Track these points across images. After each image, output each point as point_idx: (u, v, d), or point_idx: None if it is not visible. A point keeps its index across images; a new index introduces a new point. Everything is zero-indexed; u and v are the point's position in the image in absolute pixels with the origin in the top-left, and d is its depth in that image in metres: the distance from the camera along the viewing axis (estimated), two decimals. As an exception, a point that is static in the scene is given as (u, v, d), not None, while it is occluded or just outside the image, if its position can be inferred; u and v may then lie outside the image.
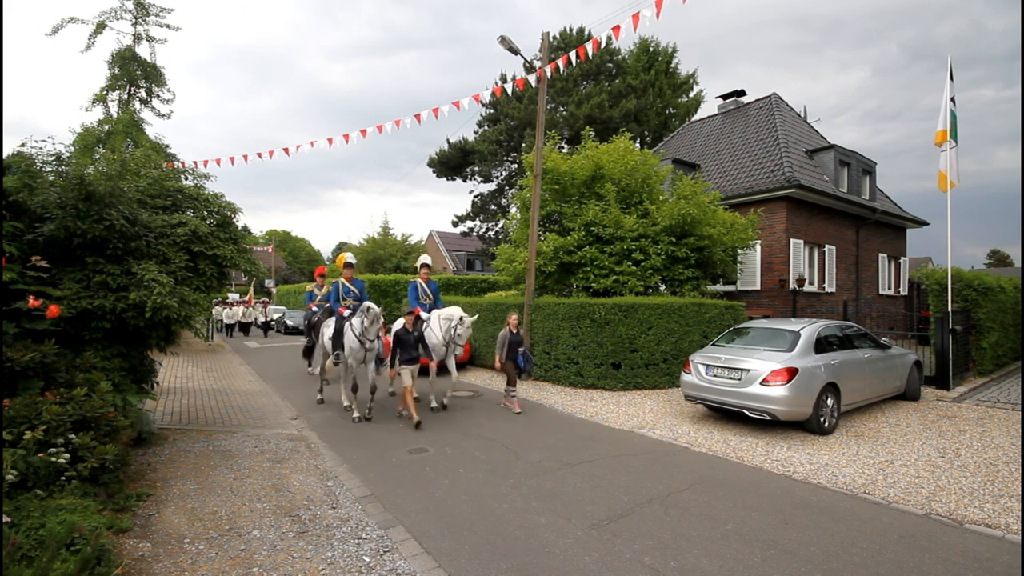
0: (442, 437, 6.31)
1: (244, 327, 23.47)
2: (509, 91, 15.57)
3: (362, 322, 6.93)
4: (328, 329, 7.92)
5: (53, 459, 3.51)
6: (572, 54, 8.84)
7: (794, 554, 3.47)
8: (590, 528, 3.85)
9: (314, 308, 10.21)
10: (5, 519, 2.80)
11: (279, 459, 5.47)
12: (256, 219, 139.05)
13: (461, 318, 7.65)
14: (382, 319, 6.94)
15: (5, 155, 5.26)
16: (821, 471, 5.14)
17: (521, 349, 7.82)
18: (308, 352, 10.74)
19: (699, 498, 4.43)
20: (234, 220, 6.56)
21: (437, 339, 7.83)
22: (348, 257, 8.22)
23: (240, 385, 10.40)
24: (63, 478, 3.52)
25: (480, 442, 6.09)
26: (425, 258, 8.77)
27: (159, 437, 6.03)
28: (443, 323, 7.85)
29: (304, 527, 3.85)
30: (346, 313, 7.50)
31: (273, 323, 24.31)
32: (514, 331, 7.86)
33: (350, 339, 7.10)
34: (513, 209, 15.82)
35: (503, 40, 10.47)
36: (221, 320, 23.29)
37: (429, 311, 8.33)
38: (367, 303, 6.90)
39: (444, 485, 4.72)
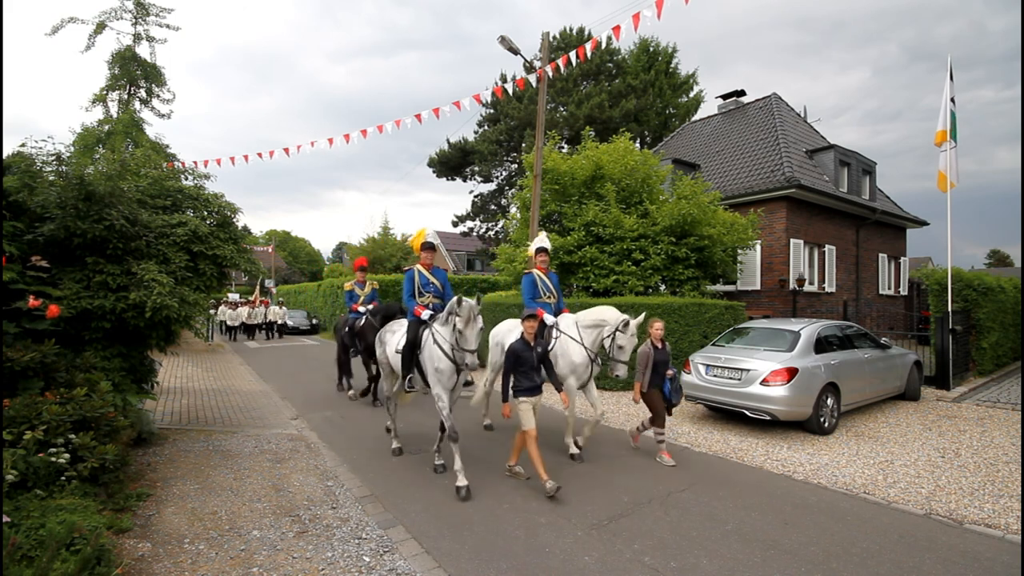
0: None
1: (249, 329, 22.19)
2: (509, 91, 15.58)
3: (454, 327, 4.52)
4: (393, 338, 5.61)
5: (53, 459, 3.51)
6: (572, 54, 8.84)
7: (794, 554, 3.47)
8: (590, 528, 3.85)
9: (360, 310, 8.80)
10: (5, 519, 2.80)
11: (279, 459, 5.47)
12: (256, 219, 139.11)
13: (626, 322, 5.25)
14: (481, 320, 4.60)
15: (5, 155, 5.27)
16: (821, 471, 5.14)
17: (670, 372, 5.49)
18: (344, 365, 9.25)
19: (699, 498, 4.43)
20: (234, 220, 6.56)
21: (580, 356, 5.45)
22: (429, 235, 5.75)
23: (240, 385, 10.40)
24: (63, 478, 3.52)
25: (481, 442, 6.09)
26: (543, 240, 6.27)
27: (159, 437, 6.03)
28: (589, 332, 5.51)
29: (304, 527, 3.85)
30: (425, 315, 5.13)
31: (276, 324, 22.45)
32: (659, 346, 5.50)
33: (435, 356, 4.76)
34: (513, 209, 15.81)
35: (503, 40, 10.47)
36: (223, 322, 22.14)
37: (555, 314, 6.00)
38: (458, 297, 4.48)
39: (444, 485, 4.72)
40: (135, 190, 5.74)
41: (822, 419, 6.36)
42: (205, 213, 6.33)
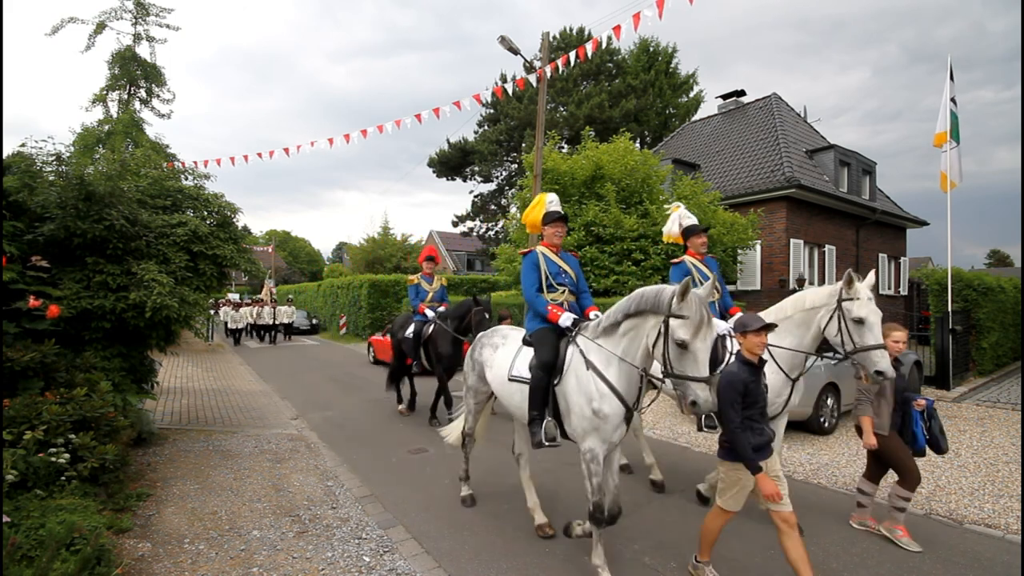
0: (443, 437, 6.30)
1: (257, 330, 20.42)
2: (509, 91, 15.59)
3: (657, 338, 2.73)
4: (503, 356, 3.81)
5: (53, 459, 3.50)
6: (572, 54, 8.84)
7: (794, 554, 3.46)
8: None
9: (427, 312, 7.06)
10: (5, 519, 2.80)
11: (279, 459, 5.46)
12: (256, 219, 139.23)
13: (849, 280, 3.39)
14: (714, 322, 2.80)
15: (5, 155, 5.26)
16: (821, 471, 5.14)
17: (919, 403, 3.79)
18: (395, 376, 7.73)
19: (699, 500, 4.42)
20: (234, 220, 6.56)
21: (779, 377, 3.68)
22: (553, 202, 3.95)
23: (240, 385, 10.40)
24: (63, 478, 3.51)
25: (480, 442, 6.08)
26: (686, 216, 4.78)
27: (159, 437, 6.03)
28: (794, 334, 3.69)
29: (304, 527, 3.85)
30: (565, 320, 3.42)
31: (281, 326, 20.33)
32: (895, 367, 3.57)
33: (591, 389, 3.04)
34: (513, 209, 15.83)
35: (503, 40, 10.47)
36: (226, 323, 20.55)
37: (721, 315, 4.41)
38: (684, 285, 2.63)
39: (444, 485, 4.72)
40: (135, 190, 5.73)
41: (822, 419, 6.36)
42: (205, 213, 6.33)
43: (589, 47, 8.59)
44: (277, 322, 20.06)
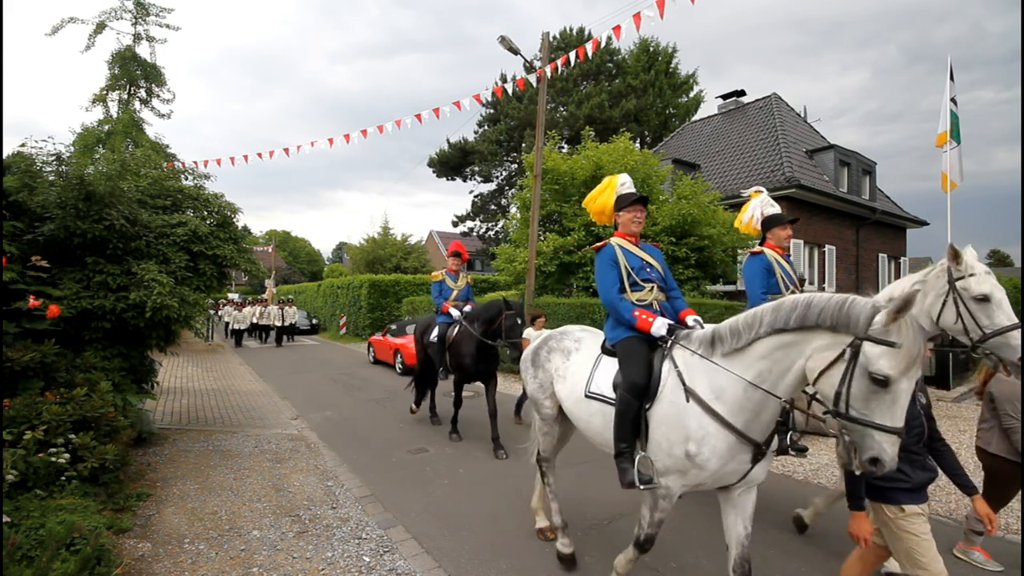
0: (442, 437, 6.30)
1: (260, 331, 19.57)
2: (509, 91, 15.58)
3: (844, 368, 1.91)
4: (575, 365, 3.21)
5: (53, 459, 3.51)
6: (572, 54, 8.84)
7: (794, 554, 3.47)
8: (590, 528, 3.85)
9: (452, 312, 6.30)
10: (5, 519, 2.80)
11: (279, 459, 5.46)
12: (257, 219, 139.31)
13: (955, 254, 3.10)
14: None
15: (5, 155, 5.26)
16: (821, 471, 5.14)
17: None
18: (421, 383, 7.19)
19: (699, 498, 4.42)
20: (234, 220, 6.57)
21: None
22: (626, 184, 3.24)
23: (240, 385, 10.40)
24: (63, 478, 3.52)
25: (480, 442, 6.08)
26: (768, 204, 4.23)
27: (159, 437, 6.03)
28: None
29: (304, 527, 3.85)
30: (659, 328, 2.77)
31: (290, 326, 19.38)
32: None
33: (692, 423, 2.41)
34: (513, 209, 15.83)
35: (503, 40, 10.47)
36: (228, 324, 19.91)
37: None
38: (903, 298, 1.76)
39: (444, 485, 4.72)
40: (135, 190, 5.73)
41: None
42: (205, 213, 6.33)
43: (589, 47, 8.59)
44: (287, 323, 19.01)
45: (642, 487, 2.54)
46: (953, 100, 9.53)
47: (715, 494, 2.72)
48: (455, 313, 6.29)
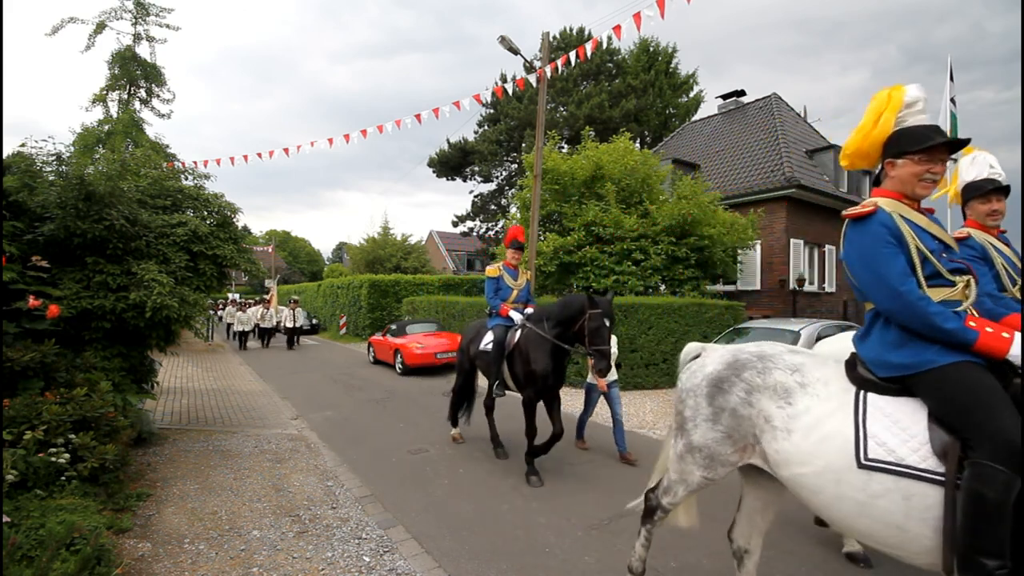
0: (442, 437, 6.30)
1: (264, 334, 18.56)
2: (509, 91, 15.58)
3: None
4: (818, 403, 2.03)
5: (53, 459, 3.51)
6: (572, 54, 8.84)
7: (794, 554, 3.47)
8: (590, 528, 3.85)
9: (513, 315, 5.19)
10: (5, 519, 2.80)
11: (279, 459, 5.46)
12: (257, 219, 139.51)
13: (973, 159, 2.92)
14: None
15: (5, 155, 5.26)
16: (821, 471, 5.13)
17: None
18: (460, 401, 6.03)
19: (698, 498, 4.42)
20: (234, 220, 6.57)
21: None
22: (912, 103, 1.96)
23: (240, 385, 10.40)
24: (63, 478, 3.52)
25: (480, 442, 6.08)
26: (985, 162, 3.03)
27: (159, 437, 6.03)
28: None
29: (304, 527, 3.85)
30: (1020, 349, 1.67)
31: (301, 327, 18.68)
32: None
33: None
34: (513, 209, 15.84)
35: (503, 40, 10.48)
36: (231, 325, 19.25)
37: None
38: None
39: (444, 485, 4.72)
40: (135, 190, 5.74)
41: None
42: (205, 213, 6.33)
43: (589, 47, 8.59)
44: (299, 324, 18.28)
45: None
46: (953, 100, 9.54)
47: (715, 499, 2.63)
48: (516, 316, 5.20)
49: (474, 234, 30.16)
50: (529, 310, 5.38)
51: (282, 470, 5.12)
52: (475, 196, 29.07)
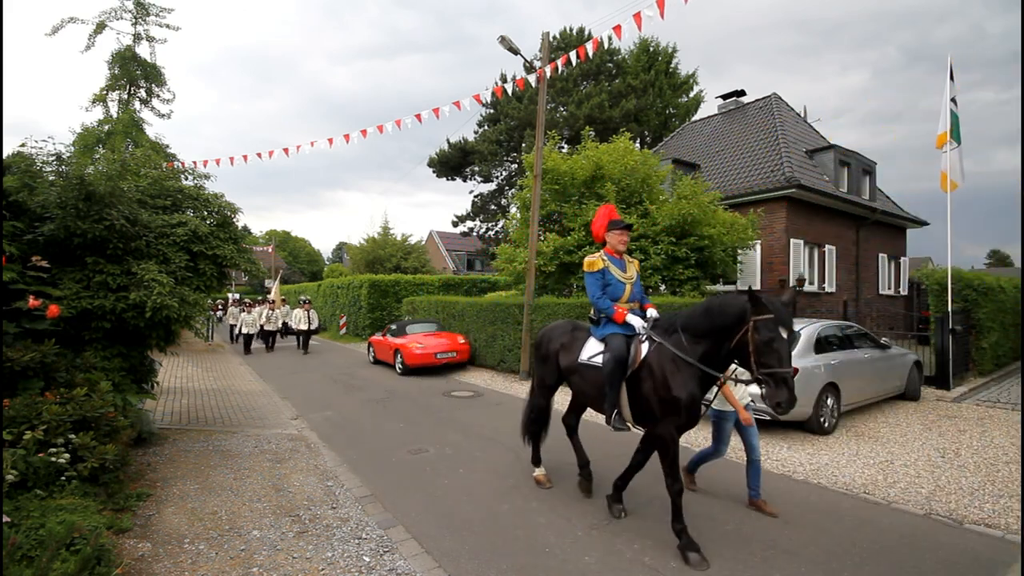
0: (442, 437, 6.31)
1: (267, 336, 17.18)
2: (509, 91, 15.58)
3: None
4: None
5: (53, 459, 3.51)
6: (572, 54, 8.83)
7: (794, 554, 3.47)
8: (590, 528, 3.85)
9: (632, 321, 3.85)
10: (5, 519, 2.80)
11: (279, 459, 5.47)
12: (257, 219, 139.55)
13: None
14: None
15: (5, 155, 5.27)
16: (821, 471, 5.14)
17: None
18: (537, 424, 4.77)
19: (698, 498, 4.42)
20: (234, 220, 6.57)
21: None
22: None
23: (240, 385, 10.40)
24: (63, 478, 3.52)
25: (480, 442, 6.08)
26: None
27: (159, 437, 6.03)
28: None
29: (304, 527, 3.85)
30: None
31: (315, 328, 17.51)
32: None
33: None
34: (513, 209, 15.82)
35: (503, 40, 10.47)
36: (234, 327, 18.35)
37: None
38: None
39: (444, 485, 4.72)
40: (135, 190, 5.74)
41: (822, 419, 6.35)
42: (205, 213, 6.33)
43: (589, 47, 8.59)
44: (313, 327, 17.08)
45: None
46: (954, 100, 9.53)
47: (718, 503, 2.62)
48: (637, 323, 3.85)
49: (474, 234, 30.16)
50: (652, 312, 4.02)
51: (282, 470, 5.12)
52: (475, 196, 29.09)
